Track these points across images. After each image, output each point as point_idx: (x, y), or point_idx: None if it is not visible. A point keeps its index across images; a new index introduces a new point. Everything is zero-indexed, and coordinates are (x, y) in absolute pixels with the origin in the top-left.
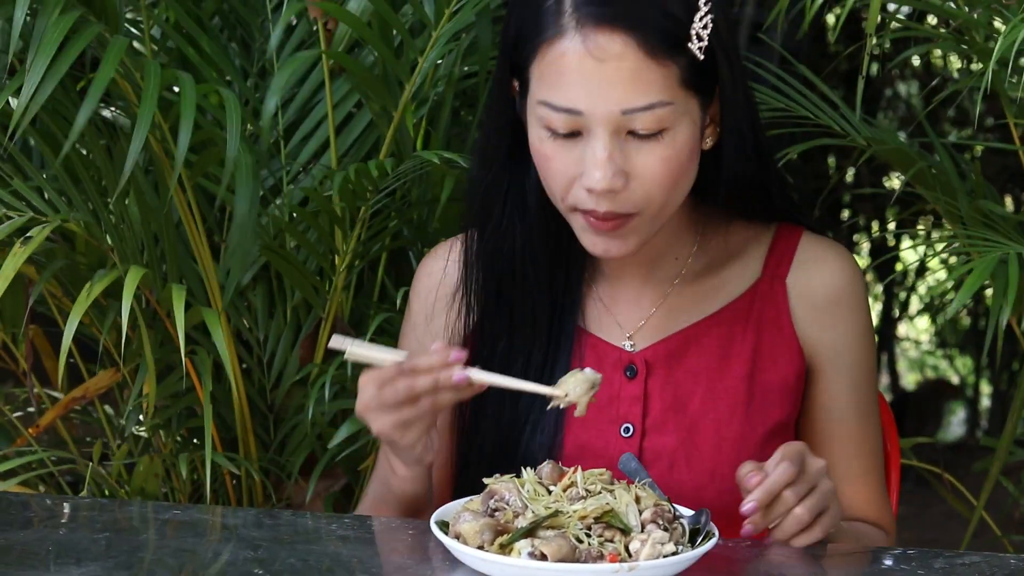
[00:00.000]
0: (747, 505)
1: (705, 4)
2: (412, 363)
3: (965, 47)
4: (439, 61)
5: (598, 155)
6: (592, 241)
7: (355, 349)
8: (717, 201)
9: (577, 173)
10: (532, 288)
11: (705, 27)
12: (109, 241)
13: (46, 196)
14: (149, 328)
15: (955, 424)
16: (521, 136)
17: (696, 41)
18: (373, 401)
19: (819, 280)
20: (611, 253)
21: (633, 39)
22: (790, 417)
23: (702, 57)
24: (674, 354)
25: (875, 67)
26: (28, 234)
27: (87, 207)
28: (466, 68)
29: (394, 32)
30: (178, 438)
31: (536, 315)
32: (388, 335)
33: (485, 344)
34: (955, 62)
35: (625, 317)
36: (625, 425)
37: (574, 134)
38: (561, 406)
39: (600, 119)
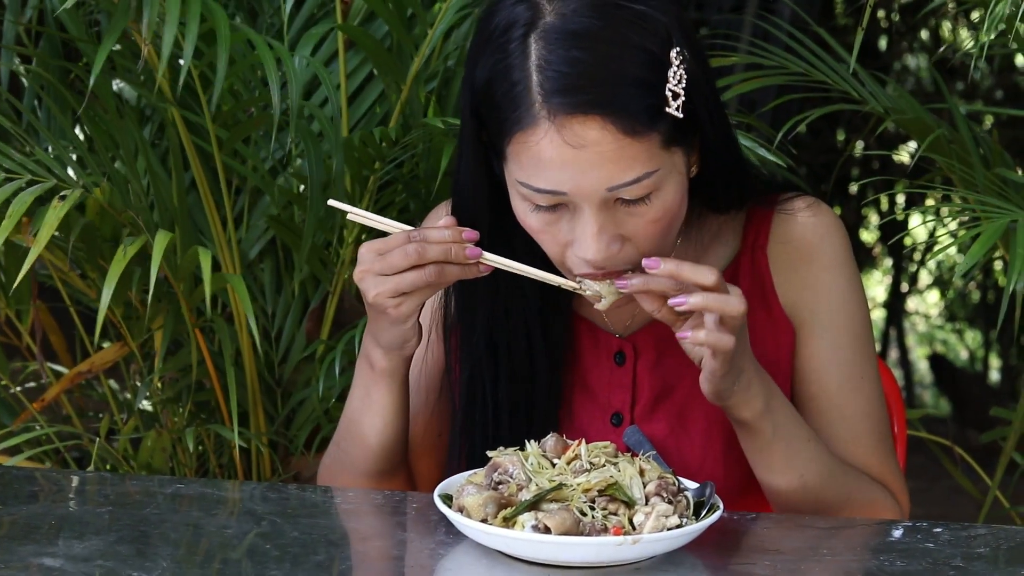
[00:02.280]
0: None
1: (676, 57)
2: (424, 232)
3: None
4: (450, 34)
5: (588, 230)
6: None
7: (356, 211)
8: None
9: (567, 241)
10: (526, 287)
11: (679, 82)
12: (132, 209)
13: (65, 165)
14: (160, 302)
15: None
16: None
17: (673, 101)
18: (376, 265)
19: (792, 239)
20: (619, 306)
21: (610, 122)
22: (785, 394)
23: (682, 115)
24: (662, 339)
25: (884, 40)
26: (61, 195)
27: (103, 176)
28: None
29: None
30: (186, 412)
31: (530, 302)
32: None
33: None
34: (963, 35)
35: (613, 314)
36: (615, 413)
37: (559, 206)
38: (587, 293)
39: (585, 197)
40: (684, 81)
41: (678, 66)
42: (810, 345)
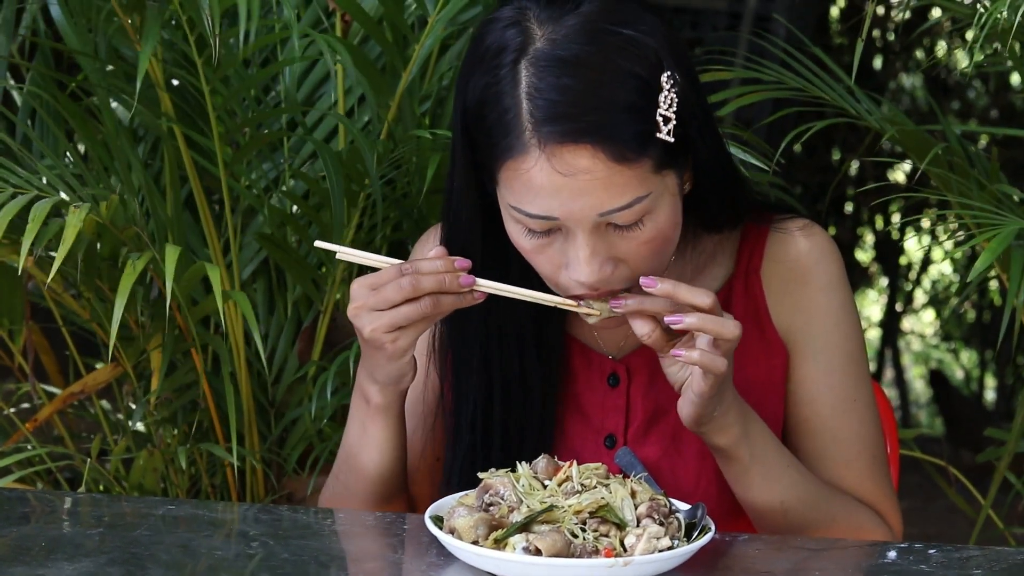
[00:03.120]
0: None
1: (667, 81)
2: (415, 264)
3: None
4: (444, 53)
5: (581, 254)
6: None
7: (345, 250)
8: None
9: (561, 263)
10: (519, 308)
11: (670, 106)
12: (138, 224)
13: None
14: (156, 320)
15: None
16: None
17: (664, 126)
18: (370, 300)
19: (786, 261)
20: (611, 326)
21: (601, 150)
22: (777, 416)
23: (672, 140)
24: (655, 361)
25: (879, 60)
26: (75, 205)
27: (103, 192)
28: None
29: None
30: (181, 432)
31: (524, 324)
32: None
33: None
34: (958, 54)
35: (606, 334)
36: (609, 435)
37: (552, 229)
38: (582, 310)
39: (577, 222)
40: (675, 105)
41: (668, 90)
42: (803, 368)
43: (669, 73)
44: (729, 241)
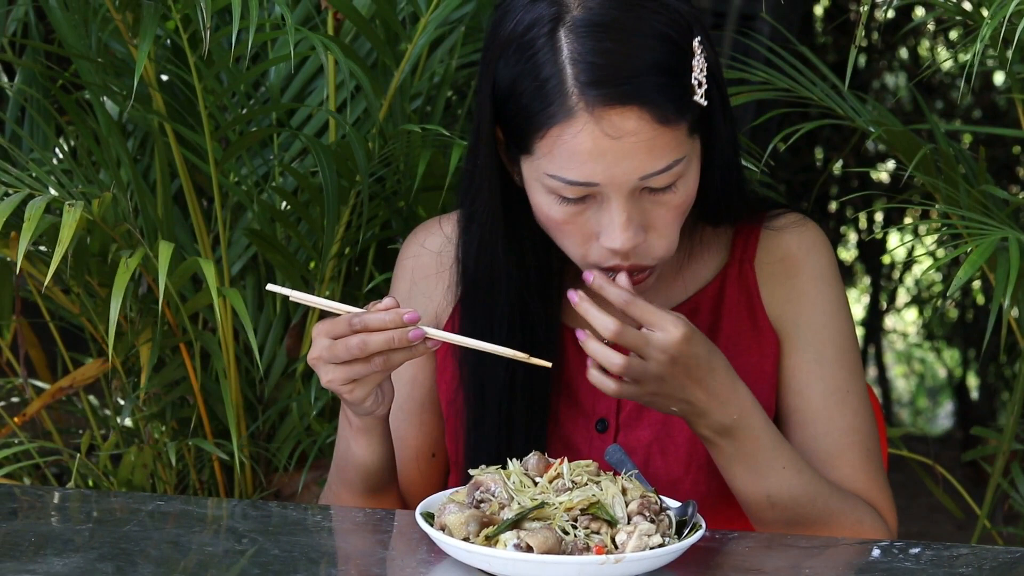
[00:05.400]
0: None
1: (699, 45)
2: (364, 320)
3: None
4: (433, 48)
5: (617, 220)
6: None
7: (298, 295)
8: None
9: (593, 232)
10: (512, 292)
11: (702, 70)
12: (128, 221)
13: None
14: (145, 316)
15: (942, 417)
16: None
17: (698, 89)
18: (325, 353)
19: (779, 252)
20: None
21: (647, 112)
22: (769, 406)
23: (705, 103)
24: None
25: (863, 58)
26: (69, 203)
27: (93, 190)
28: (461, 59)
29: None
30: (169, 428)
31: (516, 313)
32: None
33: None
34: (942, 54)
35: None
36: (600, 420)
37: (587, 197)
38: (535, 361)
39: (617, 187)
40: (706, 70)
41: (700, 54)
42: (794, 357)
43: (700, 38)
44: (723, 235)
